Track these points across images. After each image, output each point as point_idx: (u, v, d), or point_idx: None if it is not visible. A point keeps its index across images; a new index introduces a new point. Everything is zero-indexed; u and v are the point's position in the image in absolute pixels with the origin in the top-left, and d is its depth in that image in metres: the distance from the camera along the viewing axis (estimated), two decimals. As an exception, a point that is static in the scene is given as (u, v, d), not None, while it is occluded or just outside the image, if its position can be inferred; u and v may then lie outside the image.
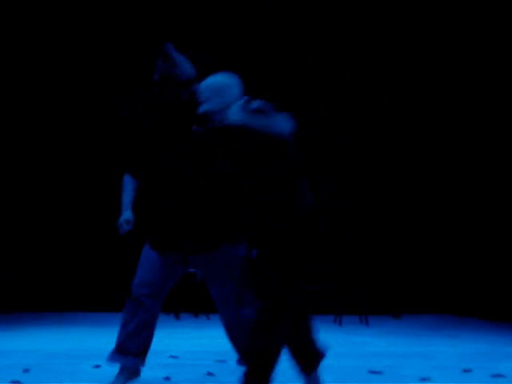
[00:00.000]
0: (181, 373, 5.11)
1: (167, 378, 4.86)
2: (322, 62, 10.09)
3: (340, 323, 8.79)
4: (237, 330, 4.44)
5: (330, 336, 7.76)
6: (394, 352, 6.57)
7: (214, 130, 4.04)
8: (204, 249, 4.34)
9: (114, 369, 5.24)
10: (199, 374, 5.05)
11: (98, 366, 5.35)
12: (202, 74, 4.28)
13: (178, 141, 4.39)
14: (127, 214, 4.36)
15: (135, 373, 4.44)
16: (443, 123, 10.17)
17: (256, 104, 3.92)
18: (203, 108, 4.05)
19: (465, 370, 5.28)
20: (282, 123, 3.91)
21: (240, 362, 4.46)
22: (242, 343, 4.35)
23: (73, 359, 5.81)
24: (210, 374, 5.04)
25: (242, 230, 4.29)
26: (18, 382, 4.68)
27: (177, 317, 9.37)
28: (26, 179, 10.11)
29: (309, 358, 3.98)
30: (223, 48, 9.65)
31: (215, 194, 4.34)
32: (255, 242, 3.85)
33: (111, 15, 10.01)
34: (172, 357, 5.91)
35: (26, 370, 5.13)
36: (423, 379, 4.92)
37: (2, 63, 9.83)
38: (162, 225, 4.38)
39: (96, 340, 7.17)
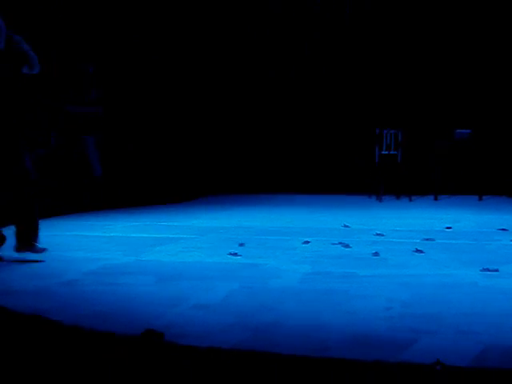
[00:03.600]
0: (389, 250, 5.17)
1: (376, 254, 4.94)
2: None
3: None
4: None
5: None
6: None
7: None
8: None
9: (322, 244, 5.45)
10: (408, 251, 5.08)
11: (307, 242, 5.56)
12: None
13: None
14: None
15: None
16: None
17: None
18: None
19: None
20: None
21: None
22: None
23: (284, 236, 6.07)
24: (418, 251, 5.06)
25: None
26: (236, 253, 5.00)
27: (379, 199, 9.43)
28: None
29: None
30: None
31: None
32: None
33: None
34: (378, 235, 5.99)
35: (242, 244, 5.44)
36: None
37: None
38: None
39: (303, 219, 7.41)
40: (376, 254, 4.96)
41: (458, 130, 9.50)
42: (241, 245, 5.42)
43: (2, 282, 4.07)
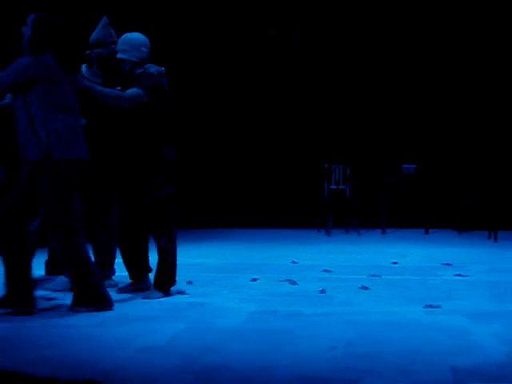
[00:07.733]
0: (336, 287, 5.22)
1: (322, 291, 4.99)
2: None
3: (495, 239, 8.63)
4: None
5: (484, 251, 7.68)
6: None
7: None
8: None
9: (270, 281, 5.48)
10: (354, 288, 5.14)
11: (255, 280, 5.58)
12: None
13: None
14: None
15: None
16: None
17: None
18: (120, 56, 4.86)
19: None
20: None
21: None
22: None
23: (232, 273, 6.08)
24: (364, 287, 5.13)
25: None
26: (183, 292, 4.99)
27: (328, 233, 9.52)
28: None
29: None
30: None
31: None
32: None
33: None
34: (326, 271, 6.05)
35: (189, 282, 5.43)
36: None
37: None
38: None
39: (252, 255, 7.45)
40: (323, 291, 5.01)
41: (405, 165, 9.69)
42: (189, 283, 5.41)
43: None
